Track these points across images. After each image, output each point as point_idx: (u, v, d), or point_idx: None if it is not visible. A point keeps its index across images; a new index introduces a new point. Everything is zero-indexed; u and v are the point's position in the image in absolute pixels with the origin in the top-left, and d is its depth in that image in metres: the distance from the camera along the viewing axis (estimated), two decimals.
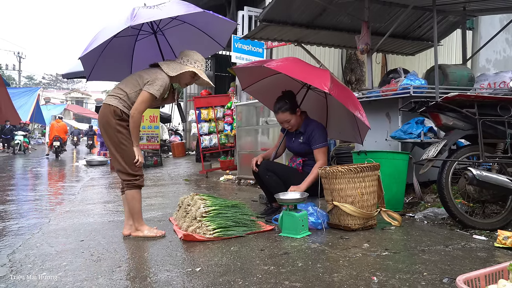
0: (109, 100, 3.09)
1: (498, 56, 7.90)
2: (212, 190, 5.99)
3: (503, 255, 2.61)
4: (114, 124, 3.04)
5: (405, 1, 5.04)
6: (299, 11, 5.46)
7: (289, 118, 3.73)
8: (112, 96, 3.11)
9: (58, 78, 56.46)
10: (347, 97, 3.52)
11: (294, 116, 3.73)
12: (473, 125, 3.28)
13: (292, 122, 3.74)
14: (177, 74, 3.17)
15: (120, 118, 3.05)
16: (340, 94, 3.43)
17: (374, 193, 3.36)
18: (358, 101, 3.68)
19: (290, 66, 3.56)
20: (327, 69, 3.97)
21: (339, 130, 4.26)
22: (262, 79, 4.07)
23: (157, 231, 3.23)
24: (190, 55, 3.27)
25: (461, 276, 1.71)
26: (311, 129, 3.74)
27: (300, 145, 3.79)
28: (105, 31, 3.17)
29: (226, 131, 8.77)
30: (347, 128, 4.07)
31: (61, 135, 15.47)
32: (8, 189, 6.42)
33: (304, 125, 3.80)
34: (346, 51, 8.73)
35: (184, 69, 3.20)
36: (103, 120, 3.08)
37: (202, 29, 3.69)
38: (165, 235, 3.20)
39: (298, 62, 3.70)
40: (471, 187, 3.25)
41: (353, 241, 2.99)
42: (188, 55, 3.27)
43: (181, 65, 3.22)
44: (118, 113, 3.05)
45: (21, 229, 3.58)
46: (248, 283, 2.18)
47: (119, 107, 3.05)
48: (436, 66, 4.48)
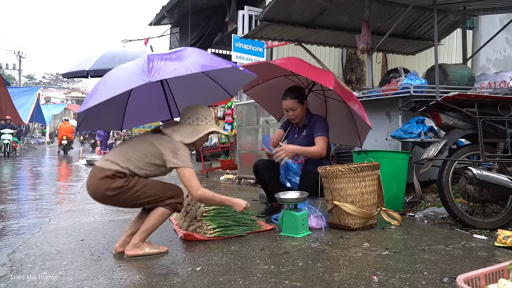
0: (106, 164, 2.62)
1: (498, 55, 7.89)
2: (213, 190, 5.96)
3: (503, 255, 2.61)
4: (107, 190, 2.58)
5: (406, 1, 5.04)
6: (300, 10, 5.45)
7: (296, 106, 3.74)
8: (110, 161, 2.63)
9: (59, 77, 56.49)
10: (349, 97, 3.57)
11: (301, 106, 3.76)
12: (474, 124, 3.28)
13: (297, 111, 3.76)
14: (195, 140, 2.74)
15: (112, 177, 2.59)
16: (343, 92, 3.48)
17: (374, 193, 3.36)
18: (361, 104, 3.69)
19: (295, 64, 3.61)
20: (329, 70, 4.00)
21: (338, 134, 4.26)
22: (263, 81, 4.07)
23: (158, 246, 2.80)
24: (199, 112, 2.80)
25: (461, 276, 1.71)
26: (314, 120, 3.78)
27: (305, 138, 3.76)
28: (113, 81, 2.65)
29: (227, 130, 8.77)
30: (346, 132, 4.09)
31: (68, 134, 17.80)
32: (8, 188, 6.42)
33: (307, 118, 3.83)
34: (346, 50, 8.73)
35: (203, 132, 2.75)
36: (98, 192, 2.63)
37: (215, 78, 3.25)
38: (167, 252, 2.79)
39: (301, 61, 3.76)
40: (471, 187, 3.25)
41: (354, 240, 2.99)
42: (197, 112, 2.79)
43: (194, 126, 2.76)
44: (111, 175, 2.58)
45: (22, 229, 3.58)
46: (248, 282, 2.18)
47: (116, 169, 2.59)
48: (436, 65, 4.48)
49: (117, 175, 2.59)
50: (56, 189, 6.36)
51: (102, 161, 2.66)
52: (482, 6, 5.34)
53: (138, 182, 2.63)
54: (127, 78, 2.52)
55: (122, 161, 2.62)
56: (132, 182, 2.62)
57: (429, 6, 4.99)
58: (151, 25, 13.56)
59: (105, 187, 2.58)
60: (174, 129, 2.74)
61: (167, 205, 2.72)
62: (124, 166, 2.62)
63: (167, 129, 2.73)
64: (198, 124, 2.77)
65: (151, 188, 2.67)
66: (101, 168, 2.62)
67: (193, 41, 11.83)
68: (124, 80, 2.53)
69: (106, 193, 2.59)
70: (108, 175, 2.58)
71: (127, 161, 2.63)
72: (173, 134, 2.69)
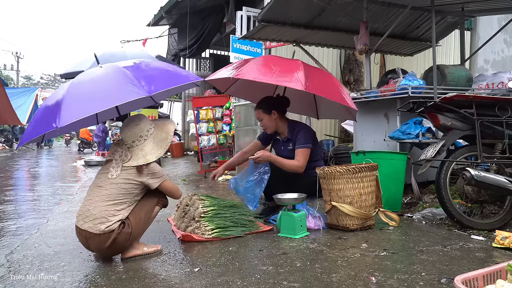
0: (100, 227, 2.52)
1: (496, 56, 7.91)
2: (211, 190, 5.98)
3: (501, 255, 2.62)
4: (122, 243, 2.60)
5: (404, 2, 5.04)
6: (298, 11, 5.45)
7: (262, 116, 3.75)
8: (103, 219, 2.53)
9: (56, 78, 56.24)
10: (325, 84, 3.50)
11: (267, 116, 3.73)
12: (471, 125, 3.29)
13: (265, 121, 3.76)
14: (167, 147, 2.74)
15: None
16: (317, 85, 3.36)
17: (372, 194, 3.36)
18: (339, 83, 3.63)
19: (256, 71, 3.40)
20: (297, 59, 3.86)
21: (331, 113, 4.30)
22: (236, 80, 3.98)
23: (154, 246, 2.85)
24: (142, 125, 2.68)
25: (459, 276, 1.72)
26: (297, 131, 3.71)
27: (292, 152, 3.70)
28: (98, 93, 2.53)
29: (225, 131, 8.76)
30: (339, 108, 4.01)
31: (84, 136, 20.44)
32: (5, 189, 6.40)
33: (290, 131, 3.77)
34: (344, 51, 8.72)
35: (167, 137, 2.74)
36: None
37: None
38: (161, 250, 2.83)
39: (267, 62, 3.54)
40: (469, 188, 3.26)
41: (352, 241, 2.99)
42: (142, 128, 2.67)
43: (151, 139, 2.69)
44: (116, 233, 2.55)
45: (19, 230, 3.57)
46: (246, 283, 2.18)
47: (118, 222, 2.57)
48: (434, 66, 4.49)
49: (121, 229, 2.57)
50: (54, 189, 6.34)
51: (93, 225, 2.53)
52: (480, 7, 5.35)
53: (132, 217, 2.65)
54: (117, 86, 2.52)
55: (110, 215, 2.55)
56: (130, 223, 2.63)
57: (427, 7, 4.99)
58: (149, 26, 13.54)
59: (121, 243, 2.58)
60: (142, 156, 2.62)
61: (157, 205, 2.83)
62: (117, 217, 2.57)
63: (137, 162, 2.61)
64: (152, 134, 2.70)
65: (142, 213, 2.70)
66: (99, 233, 2.52)
67: (191, 41, 11.82)
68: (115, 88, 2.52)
69: (123, 246, 2.62)
70: (113, 235, 2.54)
71: (116, 212, 2.57)
72: (148, 160, 2.61)
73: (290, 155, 3.69)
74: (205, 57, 15.20)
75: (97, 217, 2.52)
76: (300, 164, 3.56)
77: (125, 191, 2.60)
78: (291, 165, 3.56)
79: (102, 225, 2.50)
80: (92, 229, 2.50)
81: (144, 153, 2.63)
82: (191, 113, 9.76)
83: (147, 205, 2.74)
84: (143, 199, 2.75)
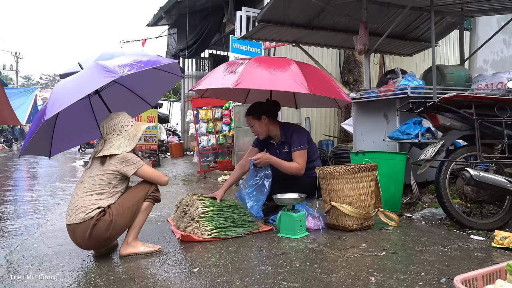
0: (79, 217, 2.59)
1: (495, 56, 7.92)
2: (210, 191, 5.98)
3: (500, 255, 2.62)
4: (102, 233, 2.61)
5: (403, 2, 5.05)
6: (297, 11, 5.46)
7: (252, 122, 3.74)
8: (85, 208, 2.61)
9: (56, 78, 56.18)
10: (321, 81, 3.51)
11: (257, 122, 3.71)
12: (471, 125, 3.29)
13: (255, 127, 3.74)
14: (135, 145, 2.76)
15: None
16: (317, 85, 3.33)
17: (371, 194, 3.36)
18: (329, 76, 3.61)
19: (254, 77, 3.35)
20: (285, 57, 3.79)
21: (311, 103, 4.30)
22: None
23: (153, 245, 2.86)
24: (119, 120, 2.76)
25: (458, 276, 1.72)
26: (290, 134, 3.69)
27: (288, 155, 3.68)
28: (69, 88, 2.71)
29: (224, 131, 8.76)
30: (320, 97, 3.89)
31: None
32: (5, 189, 6.40)
33: (283, 133, 3.75)
34: (344, 51, 8.72)
35: (137, 134, 2.77)
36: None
37: (133, 89, 3.36)
38: (161, 251, 2.83)
39: (261, 64, 3.45)
40: (468, 188, 3.26)
41: (351, 241, 2.99)
42: (117, 122, 2.75)
43: (124, 134, 2.75)
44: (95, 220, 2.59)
45: (19, 230, 3.57)
46: (246, 283, 2.18)
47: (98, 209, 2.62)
48: (433, 66, 4.49)
49: (100, 216, 2.59)
50: (53, 190, 6.34)
51: (75, 216, 2.60)
52: (479, 8, 5.36)
53: (114, 208, 2.67)
54: (87, 82, 2.66)
55: (89, 204, 2.61)
56: (111, 212, 2.65)
57: (426, 7, 5.00)
58: (148, 26, 13.54)
59: (100, 231, 2.60)
60: (108, 148, 2.69)
61: (147, 199, 2.80)
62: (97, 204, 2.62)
63: (102, 153, 2.68)
64: (126, 130, 2.76)
65: (126, 205, 2.70)
66: (80, 221, 2.58)
67: (190, 42, 11.82)
68: (84, 84, 2.66)
69: (103, 236, 2.62)
70: (92, 221, 2.57)
71: (95, 202, 2.63)
72: (112, 152, 2.66)
73: (287, 157, 3.66)
74: (205, 57, 15.19)
75: (78, 208, 2.60)
76: (300, 166, 3.56)
77: (103, 182, 2.66)
78: (292, 167, 3.55)
79: (82, 214, 2.58)
80: (75, 220, 2.59)
81: (112, 146, 2.70)
82: (190, 113, 9.76)
83: (134, 198, 2.74)
84: (130, 192, 2.77)
